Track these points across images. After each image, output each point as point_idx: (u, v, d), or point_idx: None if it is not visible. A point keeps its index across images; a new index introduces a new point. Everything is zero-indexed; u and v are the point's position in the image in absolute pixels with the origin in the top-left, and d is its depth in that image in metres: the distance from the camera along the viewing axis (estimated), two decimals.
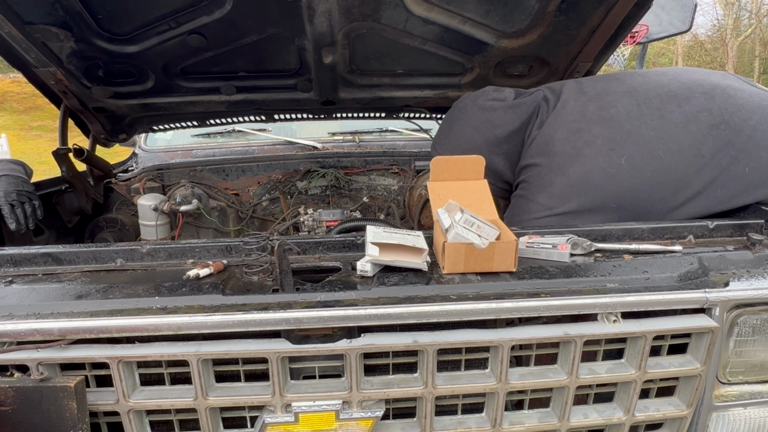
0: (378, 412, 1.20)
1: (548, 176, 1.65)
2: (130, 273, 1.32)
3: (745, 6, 22.69)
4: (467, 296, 1.18)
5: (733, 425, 1.34)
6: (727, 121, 1.58)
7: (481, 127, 1.84)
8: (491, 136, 1.82)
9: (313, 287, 1.20)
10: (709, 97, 1.62)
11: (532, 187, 1.69)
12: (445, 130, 2.01)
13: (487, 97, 1.89)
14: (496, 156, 1.82)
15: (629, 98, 1.66)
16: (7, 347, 1.13)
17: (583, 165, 1.60)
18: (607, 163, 1.58)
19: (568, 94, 1.76)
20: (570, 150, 1.63)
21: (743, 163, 1.57)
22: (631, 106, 1.64)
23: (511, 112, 1.81)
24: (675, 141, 1.58)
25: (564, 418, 1.25)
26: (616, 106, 1.66)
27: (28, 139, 15.02)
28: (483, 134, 1.83)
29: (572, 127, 1.67)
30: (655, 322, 1.22)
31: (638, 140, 1.59)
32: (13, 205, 1.97)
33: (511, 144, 1.81)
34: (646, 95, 1.66)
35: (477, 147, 1.82)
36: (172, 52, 2.13)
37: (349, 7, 1.93)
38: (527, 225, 1.61)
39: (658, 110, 1.62)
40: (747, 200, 1.59)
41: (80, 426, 1.12)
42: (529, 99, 1.84)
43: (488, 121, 1.83)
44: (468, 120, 1.88)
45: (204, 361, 1.14)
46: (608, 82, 1.78)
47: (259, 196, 2.98)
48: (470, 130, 1.87)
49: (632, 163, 1.57)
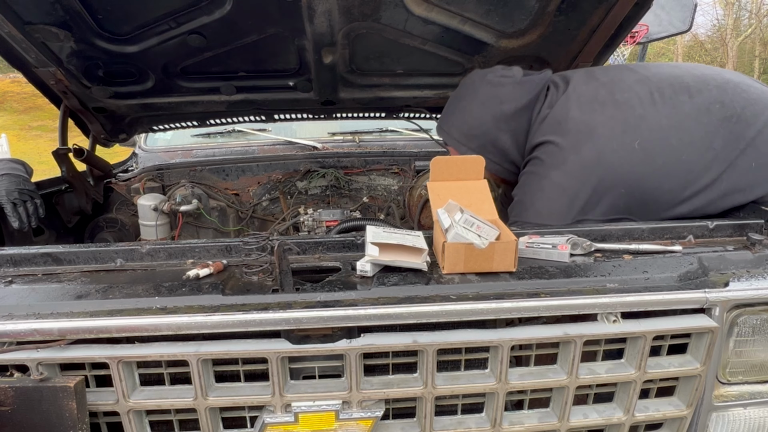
0: (378, 412, 1.20)
1: (561, 154, 1.63)
2: (129, 273, 1.32)
3: (745, 6, 22.70)
4: (467, 296, 1.17)
5: (733, 425, 1.34)
6: (738, 114, 1.57)
7: (489, 102, 1.81)
8: (498, 112, 1.78)
9: (313, 287, 1.20)
10: (722, 90, 1.61)
11: (545, 164, 1.66)
12: (451, 107, 1.96)
13: (495, 74, 1.86)
14: (503, 133, 1.79)
15: (642, 86, 1.65)
16: (7, 347, 1.13)
17: (596, 145, 1.58)
18: (619, 145, 1.56)
19: (578, 79, 1.75)
20: (584, 129, 1.61)
21: (750, 157, 1.56)
22: (644, 93, 1.63)
23: (520, 88, 1.79)
24: (687, 131, 1.57)
25: (564, 418, 1.25)
26: (628, 91, 1.64)
27: (28, 139, 15.02)
28: (490, 109, 1.80)
29: (585, 108, 1.65)
30: (655, 322, 1.22)
31: (651, 126, 1.58)
32: (15, 204, 1.98)
33: (518, 121, 1.78)
34: (659, 84, 1.65)
35: (484, 123, 1.80)
36: (172, 52, 2.13)
37: (349, 7, 1.93)
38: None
39: (671, 99, 1.61)
40: (748, 197, 1.59)
41: (80, 426, 1.12)
42: (538, 77, 1.82)
43: (496, 96, 1.80)
44: (475, 95, 1.85)
45: (204, 361, 1.14)
46: (620, 70, 1.77)
47: (259, 196, 2.97)
48: (477, 106, 1.83)
49: (645, 148, 1.56)
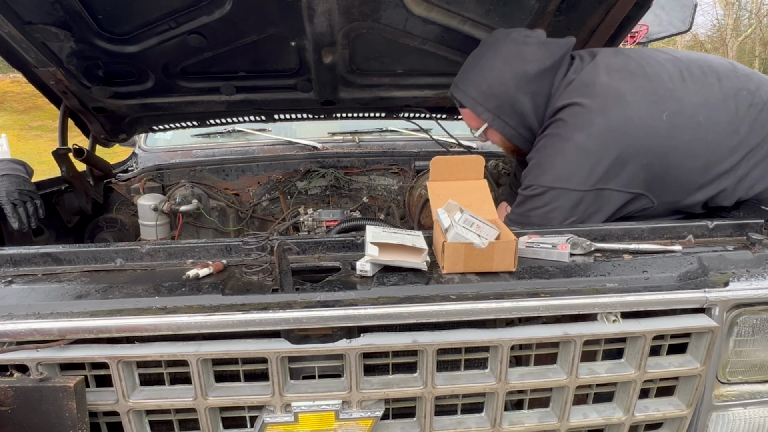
0: (378, 412, 1.20)
1: (588, 116, 1.59)
2: (129, 273, 1.32)
3: (745, 6, 22.71)
4: (467, 296, 1.17)
5: (732, 425, 1.34)
6: (765, 102, 1.58)
7: (513, 60, 1.73)
8: (521, 72, 1.71)
9: (313, 287, 1.20)
10: (749, 79, 1.64)
11: (569, 126, 1.62)
12: (470, 65, 1.87)
13: (519, 33, 1.81)
14: (523, 95, 1.72)
15: (672, 64, 1.65)
16: (7, 347, 1.13)
17: (624, 110, 1.56)
18: (648, 114, 1.55)
19: (606, 52, 1.74)
20: (612, 93, 1.59)
21: None
22: (674, 71, 1.63)
23: (545, 48, 1.74)
24: (716, 112, 1.57)
25: (564, 418, 1.25)
26: (658, 66, 1.64)
27: (28, 139, 15.02)
28: (513, 68, 1.73)
29: (614, 75, 1.63)
30: (655, 322, 1.22)
31: (681, 100, 1.57)
32: (16, 204, 1.98)
33: (539, 84, 1.72)
34: (689, 65, 1.65)
35: (504, 81, 1.73)
36: (172, 52, 2.13)
37: (349, 7, 1.93)
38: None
39: (700, 80, 1.61)
40: (760, 188, 1.60)
41: (80, 426, 1.12)
42: (562, 41, 1.78)
43: (520, 55, 1.73)
44: (498, 52, 1.77)
45: (203, 361, 1.14)
46: (648, 50, 1.77)
47: (259, 196, 2.97)
48: (500, 63, 1.75)
49: (673, 121, 1.55)
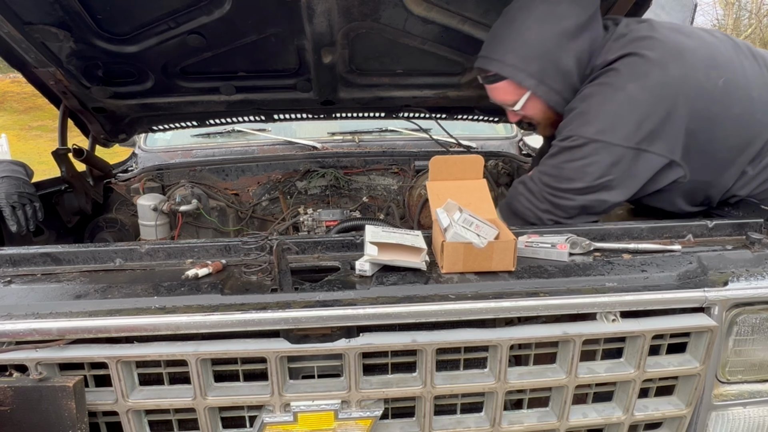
0: (377, 412, 1.20)
1: (646, 66, 1.51)
2: (128, 273, 1.32)
3: (745, 6, 22.65)
4: (466, 296, 1.17)
5: (732, 424, 1.34)
6: None
7: (547, 19, 1.64)
8: (560, 29, 1.62)
9: (312, 287, 1.20)
10: None
11: (623, 75, 1.54)
12: (501, 31, 1.73)
13: None
14: (565, 52, 1.62)
15: (724, 38, 1.63)
16: (6, 347, 1.13)
17: (683, 67, 1.50)
18: (705, 77, 1.51)
19: (650, 21, 1.69)
20: (673, 48, 1.53)
21: None
22: (729, 44, 1.60)
23: (576, 5, 1.64)
24: (766, 91, 1.55)
25: (563, 418, 1.25)
26: (710, 37, 1.61)
27: (28, 139, 15.02)
28: (550, 27, 1.63)
29: (673, 33, 1.59)
30: (654, 322, 1.22)
31: (736, 71, 1.55)
32: (15, 207, 1.97)
33: (580, 40, 1.63)
34: (736, 44, 1.63)
35: (544, 41, 1.63)
36: (171, 52, 2.13)
37: (349, 6, 1.93)
38: None
39: (750, 58, 1.60)
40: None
41: (79, 426, 1.12)
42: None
43: (553, 13, 1.64)
44: (530, 13, 1.67)
45: (203, 360, 1.14)
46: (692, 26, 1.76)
47: (259, 196, 2.97)
48: (535, 23, 1.65)
49: (728, 89, 1.52)
